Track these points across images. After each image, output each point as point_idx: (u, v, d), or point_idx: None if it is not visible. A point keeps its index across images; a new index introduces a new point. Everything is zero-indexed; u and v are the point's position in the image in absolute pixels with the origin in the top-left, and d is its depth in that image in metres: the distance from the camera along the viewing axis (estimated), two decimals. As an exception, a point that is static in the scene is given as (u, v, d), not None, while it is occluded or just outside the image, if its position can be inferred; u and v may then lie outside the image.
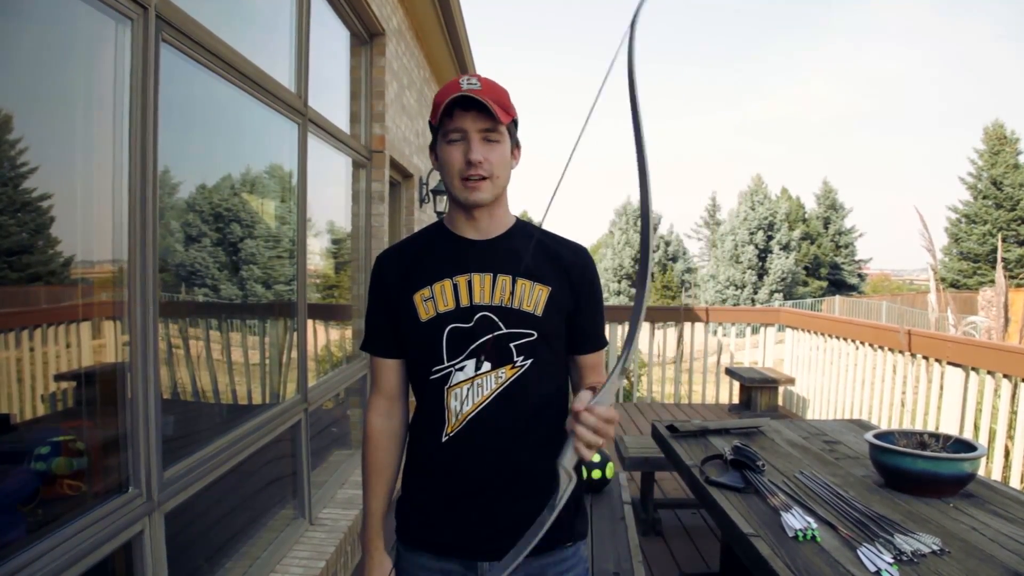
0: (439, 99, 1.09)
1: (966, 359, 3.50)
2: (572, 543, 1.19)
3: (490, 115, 1.06)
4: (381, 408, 1.21)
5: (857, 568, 1.30)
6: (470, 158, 1.07)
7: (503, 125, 1.09)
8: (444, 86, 1.12)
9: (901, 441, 1.84)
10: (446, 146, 1.10)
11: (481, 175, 1.09)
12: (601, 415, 0.91)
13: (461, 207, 1.14)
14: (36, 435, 1.44)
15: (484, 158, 1.08)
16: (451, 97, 1.06)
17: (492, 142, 1.09)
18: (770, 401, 5.53)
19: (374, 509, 1.21)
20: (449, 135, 1.09)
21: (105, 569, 1.47)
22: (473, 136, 1.08)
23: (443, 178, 1.14)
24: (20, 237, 1.43)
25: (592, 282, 1.20)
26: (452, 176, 1.10)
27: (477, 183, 1.09)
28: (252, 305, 2.72)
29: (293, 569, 2.41)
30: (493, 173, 1.10)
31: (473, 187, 1.09)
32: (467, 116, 1.07)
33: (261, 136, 2.61)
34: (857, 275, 28.15)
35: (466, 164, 1.08)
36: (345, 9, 3.49)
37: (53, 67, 1.46)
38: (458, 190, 1.11)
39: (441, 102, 1.08)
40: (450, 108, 1.07)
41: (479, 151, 1.08)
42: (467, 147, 1.08)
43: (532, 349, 1.12)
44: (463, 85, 1.07)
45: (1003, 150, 22.78)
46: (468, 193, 1.10)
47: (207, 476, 1.89)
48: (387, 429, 1.21)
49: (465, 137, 1.08)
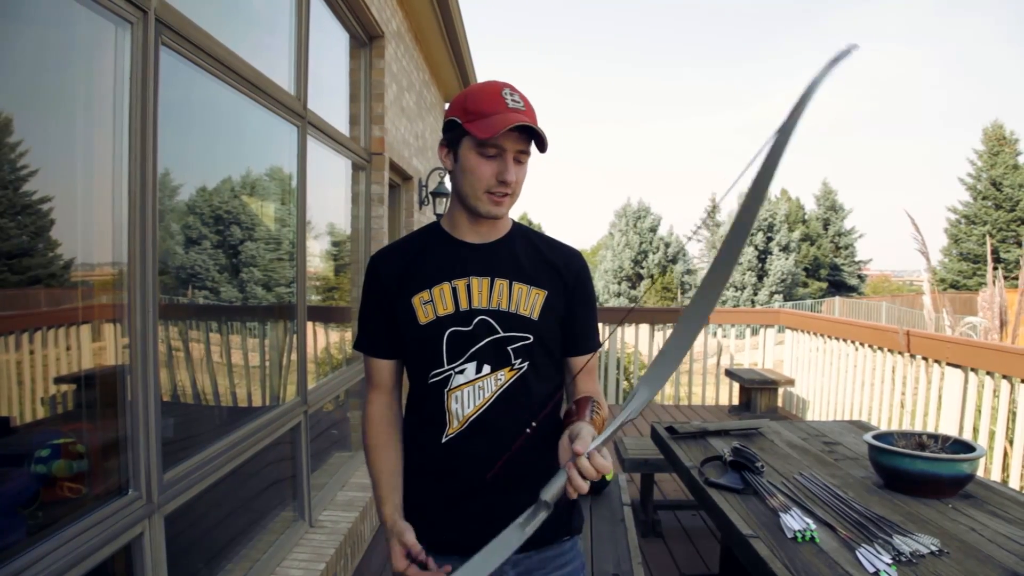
0: (481, 107, 1.06)
1: (965, 360, 3.50)
2: (570, 537, 1.22)
3: (529, 137, 1.07)
4: (378, 400, 1.22)
5: (856, 569, 1.30)
6: (505, 178, 1.08)
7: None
8: (484, 93, 1.08)
9: (900, 442, 1.84)
10: (478, 157, 1.08)
11: (507, 192, 1.10)
12: (599, 466, 0.92)
13: (470, 214, 1.15)
14: (36, 438, 1.44)
15: (516, 179, 1.09)
16: (505, 119, 1.04)
17: (521, 163, 1.11)
18: (770, 402, 5.53)
19: (383, 482, 1.18)
20: (487, 149, 1.07)
21: (105, 571, 1.47)
22: (509, 156, 1.08)
23: (462, 185, 1.12)
24: (20, 240, 1.44)
25: (585, 285, 1.22)
26: (478, 188, 1.09)
27: (501, 199, 1.10)
28: (252, 307, 2.72)
29: (293, 571, 2.41)
30: (515, 192, 1.12)
31: (497, 203, 1.10)
32: (510, 136, 1.06)
33: (261, 139, 2.62)
34: (857, 276, 28.14)
35: (498, 182, 1.08)
36: (344, 12, 3.49)
37: (53, 70, 1.46)
38: (481, 202, 1.10)
39: (484, 112, 1.05)
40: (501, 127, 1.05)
41: (513, 172, 1.08)
42: (503, 166, 1.08)
43: (529, 352, 1.14)
44: (508, 102, 1.06)
45: (1003, 151, 22.80)
46: (491, 207, 1.11)
47: (207, 478, 1.89)
48: (387, 415, 1.22)
49: (502, 155, 1.08)
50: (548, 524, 1.17)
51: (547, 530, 1.16)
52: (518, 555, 1.14)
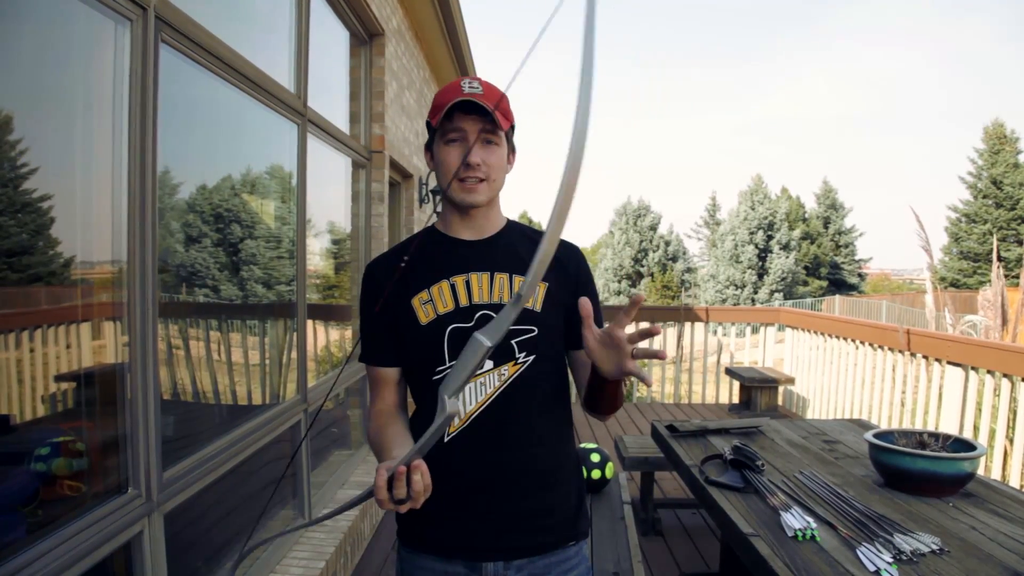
0: (440, 100, 1.10)
1: (966, 358, 3.50)
2: (575, 542, 1.19)
3: (490, 119, 1.07)
4: (383, 397, 1.18)
5: (856, 568, 1.30)
6: (468, 160, 1.08)
7: (502, 130, 1.10)
8: (444, 87, 1.12)
9: (901, 441, 1.84)
10: (444, 146, 1.10)
11: (479, 177, 1.10)
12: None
13: (456, 208, 1.15)
14: (36, 436, 1.44)
15: (482, 161, 1.09)
16: (454, 100, 1.06)
17: (491, 144, 1.10)
18: (770, 401, 5.53)
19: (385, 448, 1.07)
20: (448, 135, 1.10)
21: (105, 570, 1.47)
22: (472, 137, 1.08)
23: (438, 178, 1.14)
24: (20, 238, 1.43)
25: (589, 276, 1.22)
26: (448, 176, 1.11)
27: (474, 185, 1.10)
28: (252, 305, 2.72)
29: (293, 569, 2.41)
30: (490, 176, 1.11)
31: (470, 188, 1.10)
32: (467, 119, 1.08)
33: (261, 137, 2.61)
34: (857, 275, 28.13)
35: (464, 166, 1.08)
36: (345, 9, 3.49)
37: (53, 68, 1.46)
38: (454, 191, 1.11)
39: (442, 104, 1.08)
40: (451, 111, 1.07)
41: (478, 153, 1.09)
42: (465, 148, 1.08)
43: (534, 345, 1.13)
44: (464, 88, 1.08)
45: (1003, 149, 22.78)
46: (464, 194, 1.11)
47: (207, 477, 1.89)
48: (393, 411, 1.18)
49: (464, 138, 1.09)
50: (553, 529, 1.16)
51: (552, 535, 1.16)
52: (521, 560, 1.13)
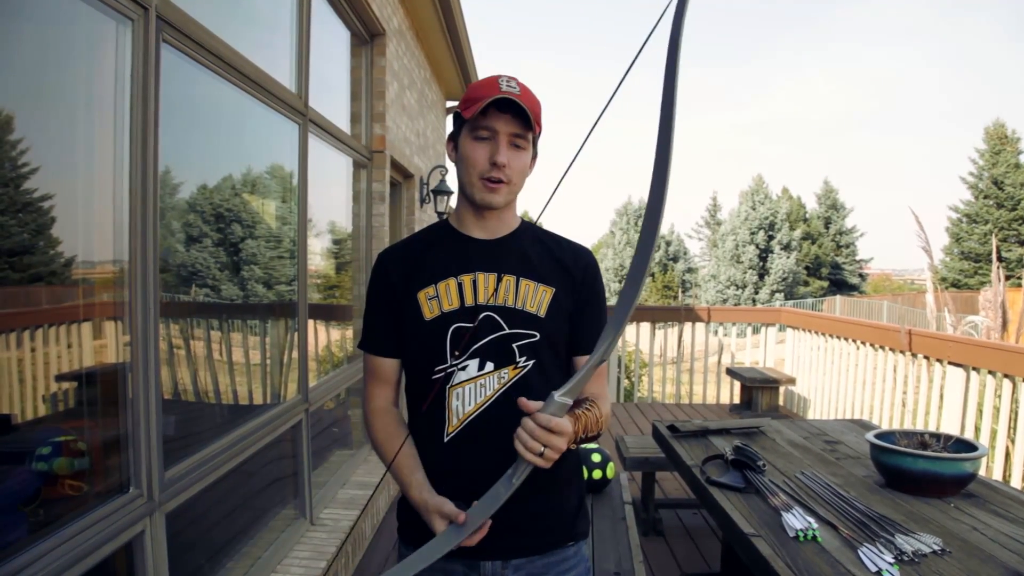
0: (476, 94, 1.08)
1: (967, 359, 3.50)
2: (574, 543, 1.19)
3: (523, 121, 1.07)
4: (380, 395, 1.20)
5: (858, 568, 1.30)
6: (496, 159, 1.07)
7: (531, 133, 1.09)
8: (481, 82, 1.10)
9: (902, 441, 1.84)
10: (472, 142, 1.09)
11: (501, 179, 1.09)
12: (541, 423, 0.92)
13: (473, 206, 1.14)
14: (37, 435, 1.45)
15: (508, 162, 1.08)
16: (493, 97, 1.05)
17: (518, 148, 1.10)
18: (771, 401, 5.53)
19: (403, 466, 1.12)
20: (479, 131, 1.08)
21: (106, 569, 1.47)
22: (502, 138, 1.08)
23: (460, 173, 1.13)
24: (21, 238, 1.43)
25: (595, 283, 1.20)
26: (472, 173, 1.10)
27: (496, 186, 1.09)
28: (253, 305, 2.72)
29: (294, 569, 2.41)
30: (512, 179, 1.10)
31: (492, 189, 1.10)
32: (501, 118, 1.07)
33: (262, 136, 2.62)
34: (858, 275, 28.12)
35: (490, 165, 1.08)
36: (346, 9, 3.49)
37: (54, 68, 1.46)
38: (476, 188, 1.10)
39: (478, 97, 1.07)
40: (487, 106, 1.06)
41: (505, 154, 1.08)
42: (495, 148, 1.08)
43: (534, 350, 1.12)
44: (502, 86, 1.07)
45: (1004, 149, 22.75)
46: (485, 194, 1.10)
47: (208, 476, 1.89)
48: (391, 408, 1.20)
49: (494, 138, 1.08)
50: (552, 529, 1.16)
51: (550, 535, 1.16)
52: (520, 560, 1.13)
